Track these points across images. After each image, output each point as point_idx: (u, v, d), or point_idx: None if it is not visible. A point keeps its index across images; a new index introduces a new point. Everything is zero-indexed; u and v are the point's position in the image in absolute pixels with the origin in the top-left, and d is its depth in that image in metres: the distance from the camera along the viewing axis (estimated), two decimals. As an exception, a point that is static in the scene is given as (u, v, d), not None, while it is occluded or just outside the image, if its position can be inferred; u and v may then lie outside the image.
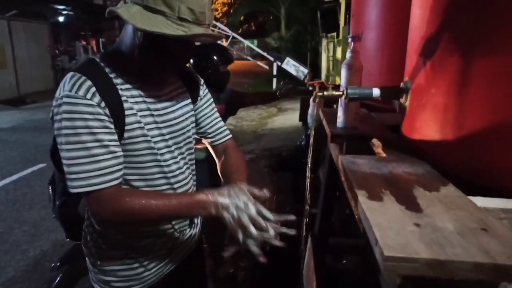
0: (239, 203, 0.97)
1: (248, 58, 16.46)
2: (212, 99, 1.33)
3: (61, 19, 16.38)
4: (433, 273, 0.53)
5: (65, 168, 0.97)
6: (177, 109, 1.17)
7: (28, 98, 11.41)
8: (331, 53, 11.94)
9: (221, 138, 1.33)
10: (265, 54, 13.72)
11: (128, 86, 1.04)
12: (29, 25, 12.73)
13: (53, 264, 2.39)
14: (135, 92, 1.05)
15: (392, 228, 0.61)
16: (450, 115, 0.89)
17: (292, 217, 1.04)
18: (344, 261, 2.37)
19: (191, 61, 2.34)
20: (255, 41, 22.75)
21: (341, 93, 1.16)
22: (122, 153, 1.02)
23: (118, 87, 1.02)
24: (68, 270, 2.29)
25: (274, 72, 12.77)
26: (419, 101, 1.03)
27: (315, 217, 2.81)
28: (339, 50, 9.92)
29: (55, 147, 1.04)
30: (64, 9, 15.43)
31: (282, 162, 5.38)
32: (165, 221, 1.18)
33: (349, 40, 1.37)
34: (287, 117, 9.02)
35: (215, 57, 2.33)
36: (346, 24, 10.85)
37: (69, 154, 0.96)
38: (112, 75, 1.03)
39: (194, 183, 1.29)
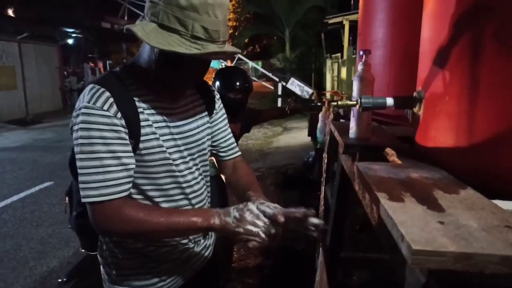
0: (238, 206, 1.01)
1: (254, 78, 16.65)
2: (225, 115, 1.35)
3: (70, 41, 16.75)
4: (460, 266, 0.53)
5: (79, 178, 0.99)
6: (193, 121, 1.19)
7: (37, 118, 11.57)
8: (335, 73, 12.07)
9: (232, 154, 1.35)
10: (270, 74, 13.88)
11: (145, 98, 1.07)
12: (39, 47, 13.04)
13: (59, 280, 2.39)
14: (151, 104, 1.08)
15: (416, 225, 0.61)
16: (465, 122, 0.91)
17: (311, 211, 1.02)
18: (354, 277, 2.35)
19: (217, 84, 2.36)
20: (260, 62, 23.06)
21: (355, 102, 1.18)
22: (134, 166, 1.03)
23: (136, 98, 1.05)
24: (76, 286, 2.28)
25: (279, 92, 12.88)
26: (433, 109, 1.04)
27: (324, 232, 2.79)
28: (343, 70, 10.02)
29: (73, 158, 1.06)
30: (73, 32, 15.79)
31: (288, 180, 5.37)
32: None
33: (361, 53, 1.40)
34: (292, 136, 9.05)
35: (237, 83, 2.35)
36: (350, 45, 11.01)
37: (82, 164, 0.98)
38: (130, 87, 1.06)
39: (209, 194, 1.30)
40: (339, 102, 1.19)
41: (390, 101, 1.15)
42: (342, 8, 14.43)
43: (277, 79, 13.03)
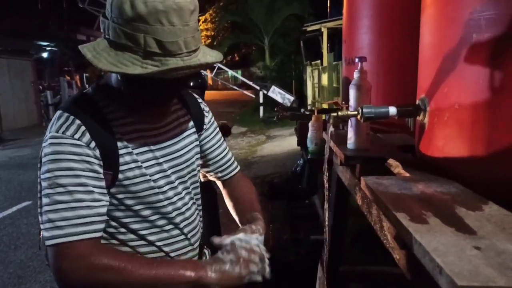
0: (226, 247, 0.92)
1: (234, 87, 16.62)
2: (218, 128, 1.24)
3: (45, 55, 16.42)
4: (513, 302, 0.47)
5: (41, 218, 0.86)
6: (180, 140, 1.07)
7: (12, 134, 11.20)
8: (316, 80, 12.15)
9: (231, 171, 1.24)
10: (250, 83, 13.86)
11: (123, 121, 0.96)
12: (13, 62, 12.68)
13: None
14: (130, 127, 0.96)
15: (451, 253, 0.55)
16: (480, 130, 0.86)
17: None
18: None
19: None
20: (239, 71, 23.10)
21: (356, 112, 1.12)
22: (107, 203, 0.92)
23: (112, 123, 0.94)
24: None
25: (261, 101, 12.87)
26: (441, 118, 0.99)
27: (318, 244, 2.72)
28: (324, 77, 10.09)
29: None
30: (48, 45, 15.48)
31: (275, 189, 5.30)
32: None
33: (356, 60, 1.35)
34: (276, 144, 9.01)
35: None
36: (328, 51, 11.12)
37: (48, 200, 0.85)
38: (105, 110, 0.94)
39: (201, 219, 1.18)
40: (340, 113, 1.13)
41: (392, 110, 1.09)
42: (319, 16, 14.59)
43: (258, 88, 13.02)
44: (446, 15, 0.97)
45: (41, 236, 1.11)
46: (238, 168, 1.27)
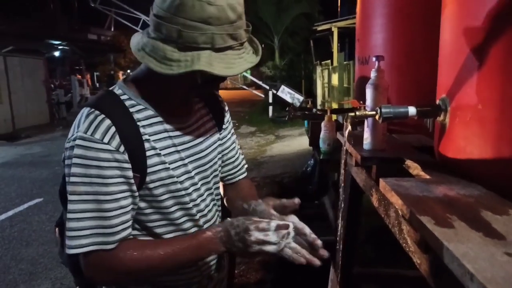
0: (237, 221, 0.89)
1: (244, 87, 16.63)
2: (233, 129, 1.23)
3: (56, 54, 16.59)
4: (551, 312, 0.44)
5: (67, 223, 0.85)
6: (204, 140, 1.06)
7: (23, 132, 11.32)
8: (326, 80, 12.09)
9: (240, 175, 1.22)
10: (260, 82, 13.84)
11: (150, 121, 0.94)
12: (25, 61, 12.81)
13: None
14: (158, 128, 0.95)
15: (482, 259, 0.53)
16: (505, 130, 0.83)
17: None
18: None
19: None
20: (249, 71, 23.09)
21: (374, 112, 1.10)
22: (136, 206, 0.92)
23: (139, 123, 0.92)
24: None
25: (270, 100, 12.85)
26: (463, 118, 0.96)
27: (328, 245, 2.69)
28: (334, 77, 10.03)
29: (64, 186, 0.93)
30: (59, 44, 15.63)
31: (284, 189, 5.28)
32: (192, 268, 1.04)
33: (373, 59, 1.32)
34: (285, 144, 8.99)
35: None
36: (339, 51, 11.05)
37: (74, 207, 0.84)
38: (132, 109, 0.92)
39: (220, 220, 1.16)
40: (357, 113, 1.10)
41: (412, 110, 1.06)
42: (329, 14, 14.54)
43: (267, 87, 12.99)
44: (469, 10, 0.94)
45: (56, 233, 1.11)
46: (246, 173, 1.24)
